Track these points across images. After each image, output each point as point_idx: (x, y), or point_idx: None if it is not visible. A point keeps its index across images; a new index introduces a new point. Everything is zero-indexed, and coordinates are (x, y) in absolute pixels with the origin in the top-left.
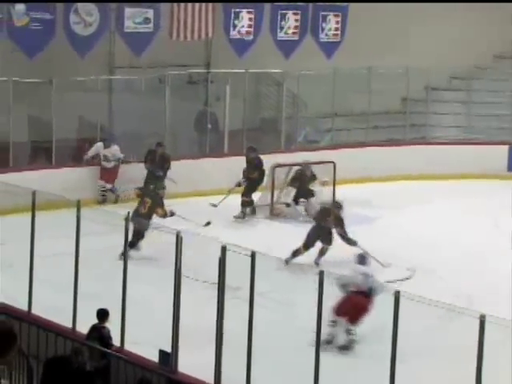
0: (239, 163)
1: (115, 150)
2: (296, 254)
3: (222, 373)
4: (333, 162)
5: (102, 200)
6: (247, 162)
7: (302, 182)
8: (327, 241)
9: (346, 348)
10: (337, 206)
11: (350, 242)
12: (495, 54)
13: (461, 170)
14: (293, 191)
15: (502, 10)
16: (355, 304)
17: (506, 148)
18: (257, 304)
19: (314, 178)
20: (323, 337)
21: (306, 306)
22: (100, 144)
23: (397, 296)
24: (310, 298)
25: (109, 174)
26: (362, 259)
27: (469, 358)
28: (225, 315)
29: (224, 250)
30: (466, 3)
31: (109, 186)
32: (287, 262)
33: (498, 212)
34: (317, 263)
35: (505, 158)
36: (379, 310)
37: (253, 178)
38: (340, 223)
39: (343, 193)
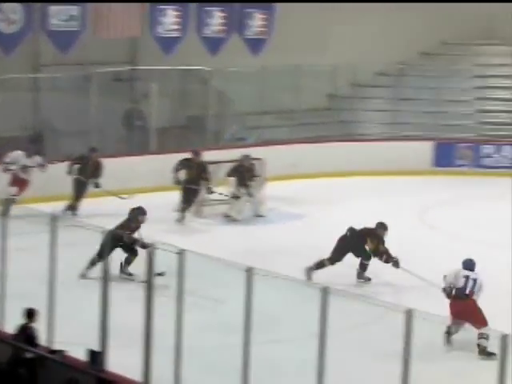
0: (166, 161)
1: (37, 159)
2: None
3: (151, 371)
4: (261, 159)
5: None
6: (198, 166)
7: (241, 174)
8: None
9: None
10: (382, 227)
11: (394, 261)
12: (420, 51)
13: (386, 166)
14: (232, 182)
15: (425, 6)
16: (459, 311)
17: (430, 144)
18: (186, 302)
19: (252, 168)
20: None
21: (235, 303)
22: (21, 153)
23: None
24: (240, 295)
25: (22, 183)
26: (471, 264)
27: None
28: (153, 314)
29: (151, 248)
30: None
31: (17, 194)
32: (308, 274)
33: (423, 207)
34: (368, 278)
35: (430, 154)
36: None
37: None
38: (382, 242)
39: (271, 190)
